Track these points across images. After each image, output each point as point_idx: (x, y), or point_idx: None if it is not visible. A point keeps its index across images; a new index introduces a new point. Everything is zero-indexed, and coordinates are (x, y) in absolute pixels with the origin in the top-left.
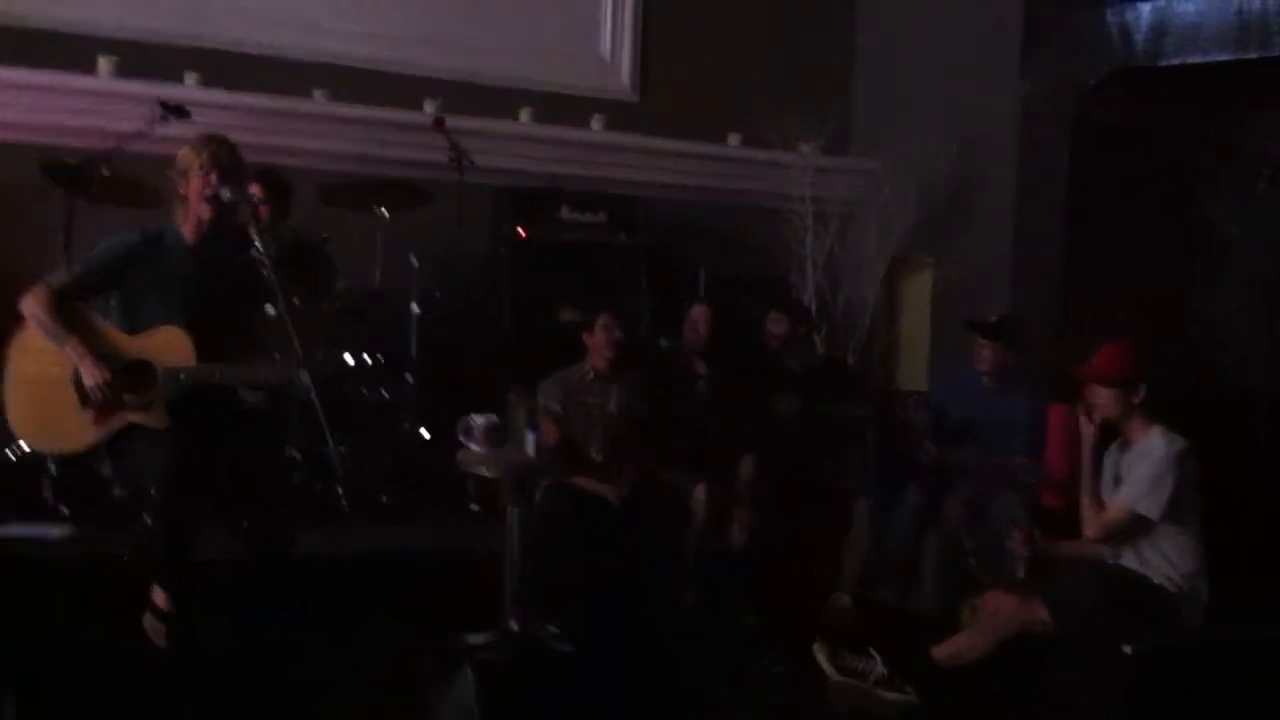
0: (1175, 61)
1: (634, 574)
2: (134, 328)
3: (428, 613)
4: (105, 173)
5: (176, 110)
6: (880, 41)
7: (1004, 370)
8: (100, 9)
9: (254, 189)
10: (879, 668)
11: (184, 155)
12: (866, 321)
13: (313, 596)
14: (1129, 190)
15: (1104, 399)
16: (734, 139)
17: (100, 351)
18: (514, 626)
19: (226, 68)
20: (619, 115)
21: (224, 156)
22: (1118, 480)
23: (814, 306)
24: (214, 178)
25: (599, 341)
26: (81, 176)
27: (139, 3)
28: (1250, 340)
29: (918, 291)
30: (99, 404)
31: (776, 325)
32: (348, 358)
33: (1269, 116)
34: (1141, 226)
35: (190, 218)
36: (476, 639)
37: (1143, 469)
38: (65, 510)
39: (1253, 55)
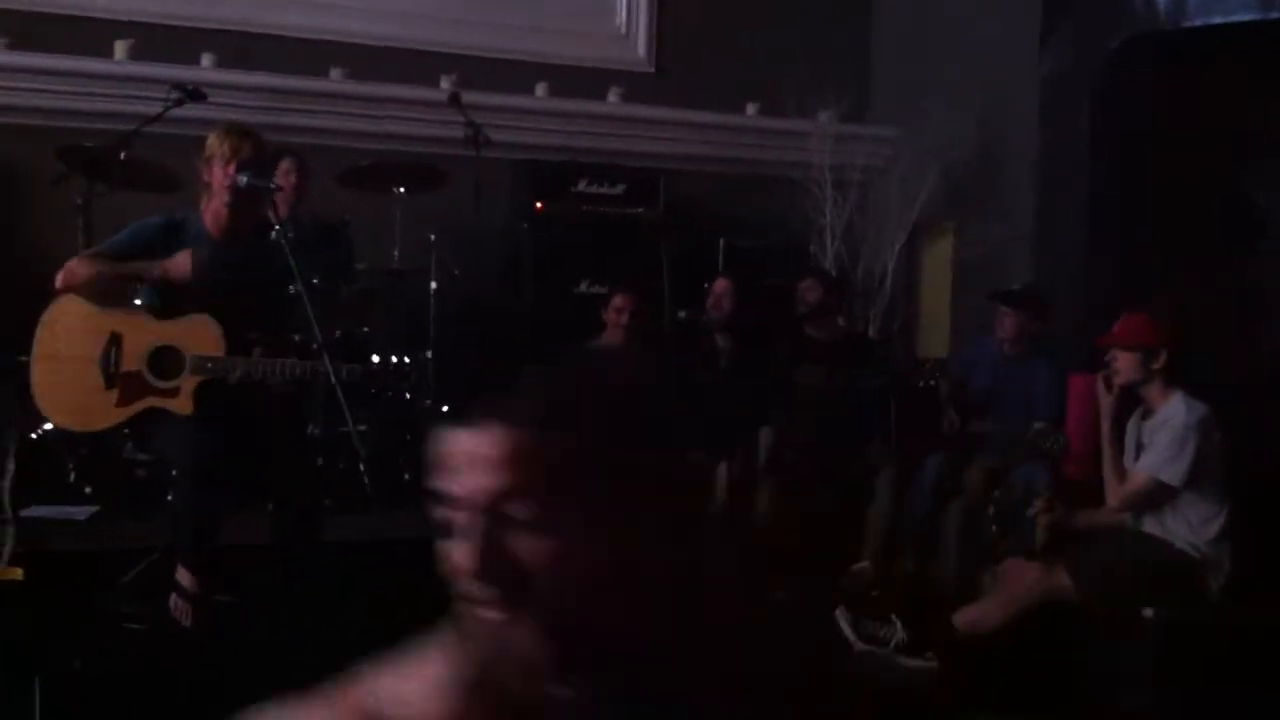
0: (1198, 23)
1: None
2: (159, 315)
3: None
4: (123, 157)
5: (193, 93)
6: (898, 6)
7: (1026, 339)
8: None
9: (284, 166)
10: (900, 634)
11: (210, 142)
12: (887, 290)
13: (338, 581)
14: (1154, 158)
15: (1124, 364)
16: (752, 108)
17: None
18: None
19: (242, 48)
20: (636, 87)
21: (247, 148)
22: (1139, 448)
23: (835, 275)
24: (232, 169)
25: (611, 321)
26: (99, 161)
27: None
28: None
29: (939, 260)
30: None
31: (811, 292)
32: (374, 359)
33: None
34: (1168, 195)
35: (211, 206)
36: None
37: (1164, 436)
38: (89, 491)
39: (1277, 15)
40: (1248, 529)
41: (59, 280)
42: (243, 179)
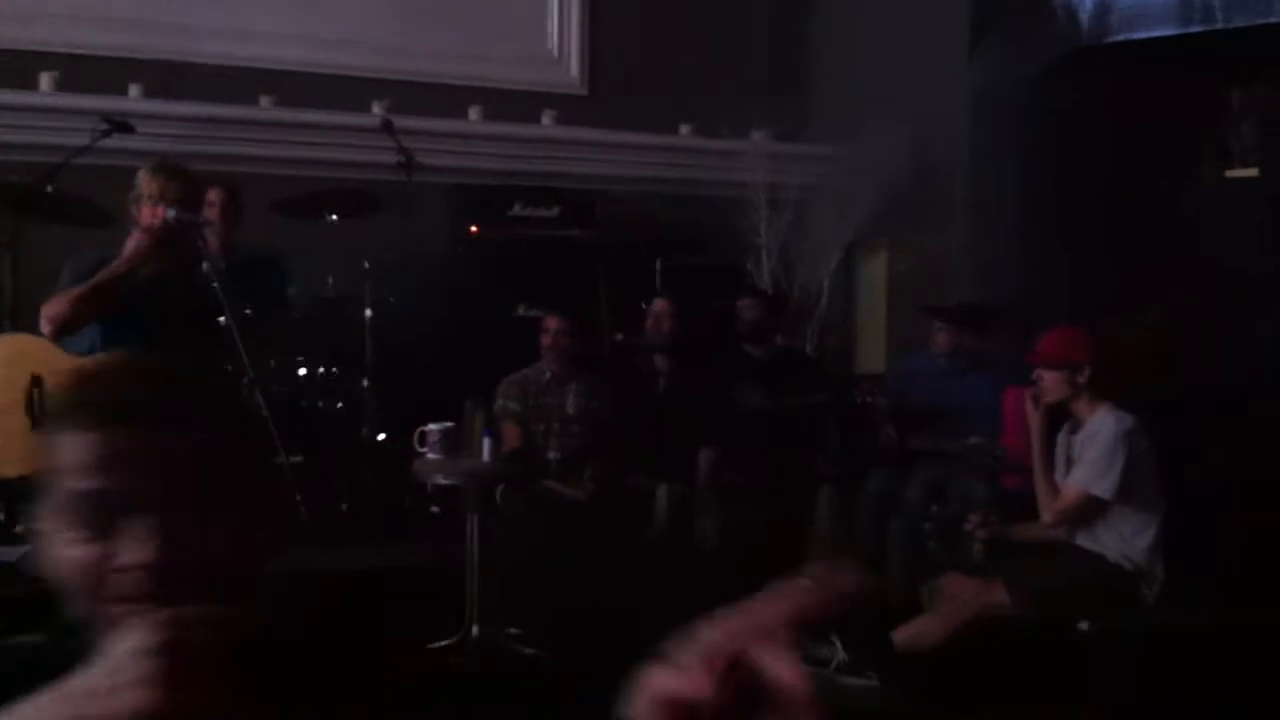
0: (1121, 38)
1: (597, 576)
2: (89, 351)
3: (391, 623)
4: (50, 190)
5: (120, 124)
6: (832, 27)
7: (961, 354)
8: (40, 24)
9: (211, 196)
10: (840, 654)
11: (141, 179)
12: (824, 307)
13: (275, 610)
14: (1082, 171)
15: (1050, 382)
16: (686, 129)
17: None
18: (475, 632)
19: (170, 78)
20: (569, 109)
21: (174, 189)
22: (1070, 462)
23: (772, 293)
24: (161, 209)
25: (545, 344)
26: (25, 196)
27: (80, 16)
28: (1215, 325)
29: (874, 276)
30: None
31: (750, 310)
32: (301, 372)
33: (1218, 93)
34: (1096, 207)
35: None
36: (439, 646)
37: (1093, 450)
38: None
39: (1196, 29)
40: (1183, 538)
41: (49, 329)
42: (171, 213)
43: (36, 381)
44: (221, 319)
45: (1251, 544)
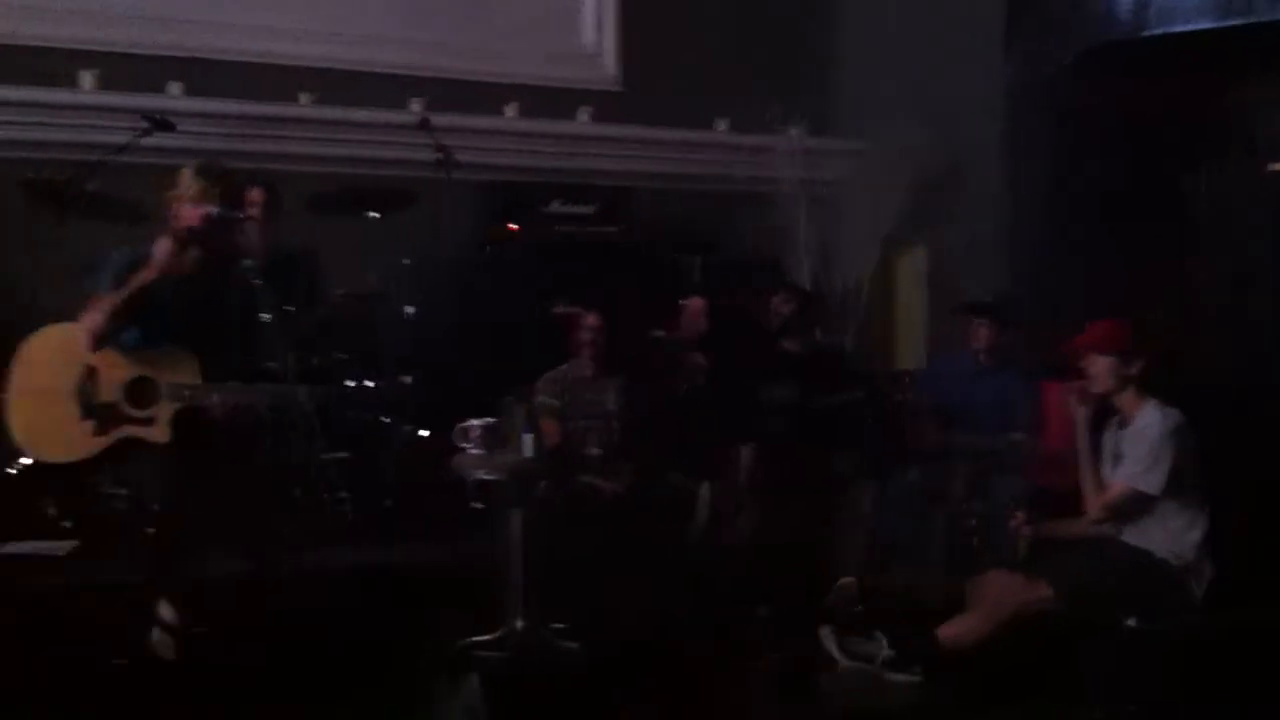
0: (1159, 31)
1: (639, 572)
2: (134, 345)
3: (433, 618)
4: (89, 188)
5: (161, 122)
6: (865, 21)
7: (1000, 350)
8: (80, 22)
9: (254, 194)
10: (885, 650)
11: (184, 178)
12: (861, 303)
13: (319, 608)
14: (1118, 165)
15: (1100, 369)
16: (721, 125)
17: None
18: (518, 627)
19: (210, 76)
20: (605, 106)
21: (218, 193)
22: (1116, 458)
23: (809, 289)
24: (203, 210)
25: (581, 340)
26: (67, 193)
27: (119, 15)
28: (1246, 321)
29: (911, 272)
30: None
31: (785, 305)
32: (348, 383)
33: (1257, 87)
34: (1133, 204)
35: (181, 240)
36: (480, 640)
37: (1141, 446)
38: (67, 526)
39: (1235, 21)
40: (1228, 535)
41: (88, 342)
42: (214, 211)
43: (91, 373)
44: (265, 316)
45: None
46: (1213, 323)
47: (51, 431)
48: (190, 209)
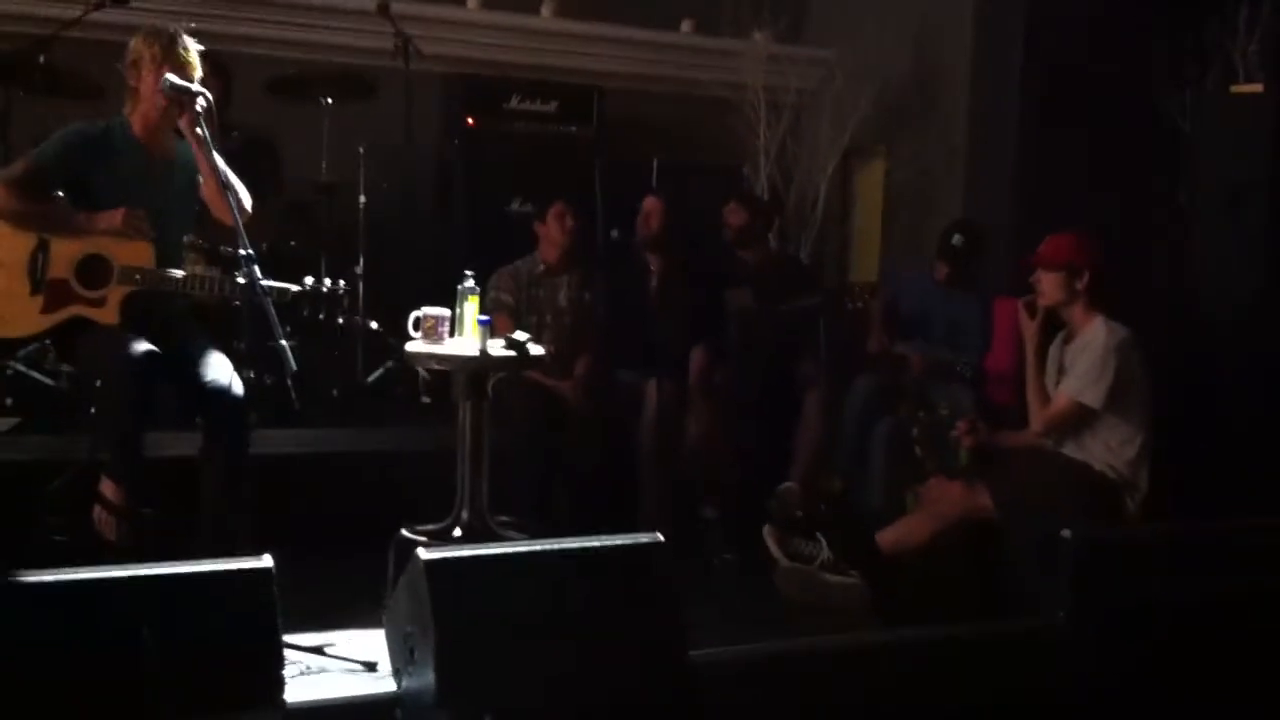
0: None
1: (587, 468)
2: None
3: (381, 509)
4: (41, 61)
5: None
6: None
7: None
8: None
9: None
10: (825, 552)
11: (135, 46)
12: (819, 213)
13: (266, 494)
14: (1086, 81)
15: (1048, 284)
16: (687, 25)
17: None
18: (465, 518)
19: None
20: (569, 2)
21: (177, 51)
22: (1061, 371)
23: (767, 197)
24: (165, 70)
25: (551, 231)
26: (18, 66)
27: None
28: (1213, 241)
29: (871, 183)
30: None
31: (735, 216)
32: (308, 281)
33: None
34: (1098, 118)
35: (139, 112)
36: (427, 529)
37: (1085, 359)
38: (9, 403)
39: None
40: (1166, 452)
41: None
42: (168, 82)
43: (43, 246)
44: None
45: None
46: (1176, 242)
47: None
48: (150, 73)
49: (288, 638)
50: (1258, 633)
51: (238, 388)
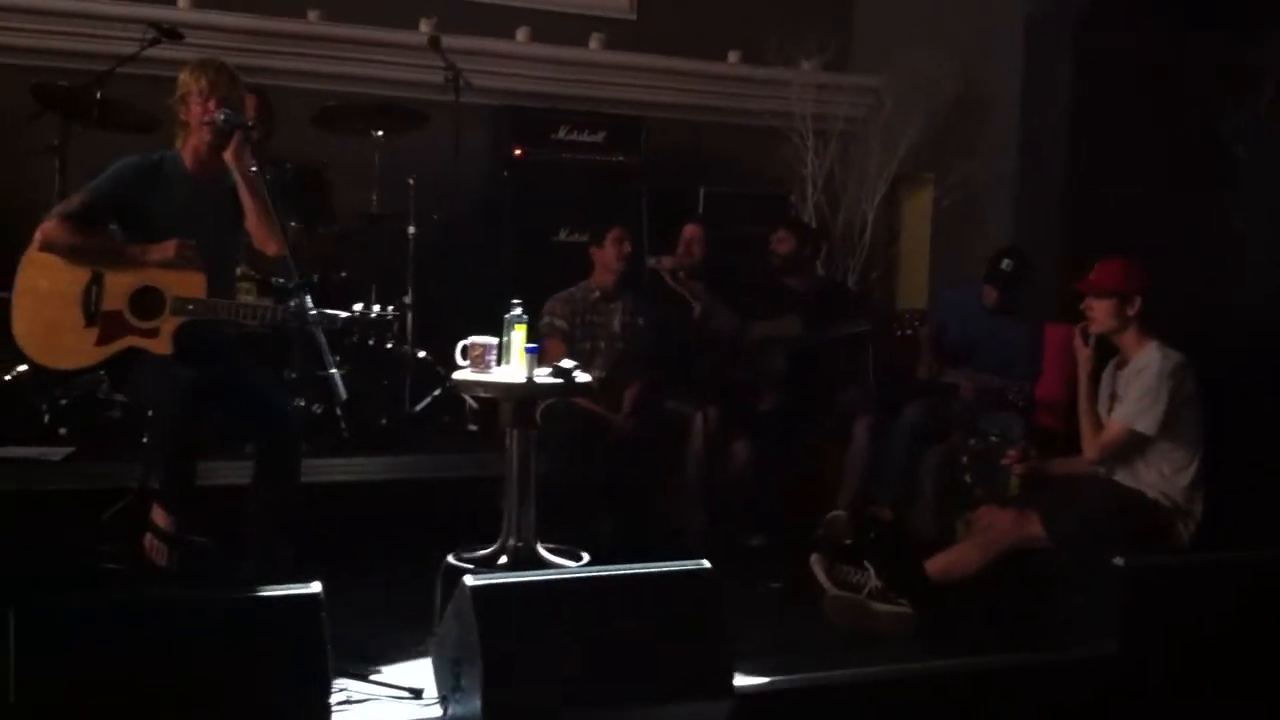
0: None
1: (634, 495)
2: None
3: (429, 536)
4: (98, 96)
5: (169, 32)
6: None
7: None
8: None
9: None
10: (873, 580)
11: (183, 79)
12: (866, 240)
13: (316, 521)
14: (1135, 105)
15: (1099, 311)
16: (734, 56)
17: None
18: (513, 544)
19: None
20: (617, 33)
21: (224, 82)
22: (1114, 398)
23: (814, 225)
24: (212, 104)
25: (608, 256)
26: (75, 100)
27: None
28: (1267, 264)
29: (918, 209)
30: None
31: (783, 243)
32: (357, 307)
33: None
34: (1147, 146)
35: (190, 144)
36: (474, 555)
37: (1138, 386)
38: (63, 433)
39: None
40: (1222, 478)
41: (37, 241)
42: (220, 116)
43: (97, 279)
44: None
45: None
46: (1230, 265)
47: (53, 338)
48: (199, 106)
49: (335, 664)
50: None
51: (290, 417)
